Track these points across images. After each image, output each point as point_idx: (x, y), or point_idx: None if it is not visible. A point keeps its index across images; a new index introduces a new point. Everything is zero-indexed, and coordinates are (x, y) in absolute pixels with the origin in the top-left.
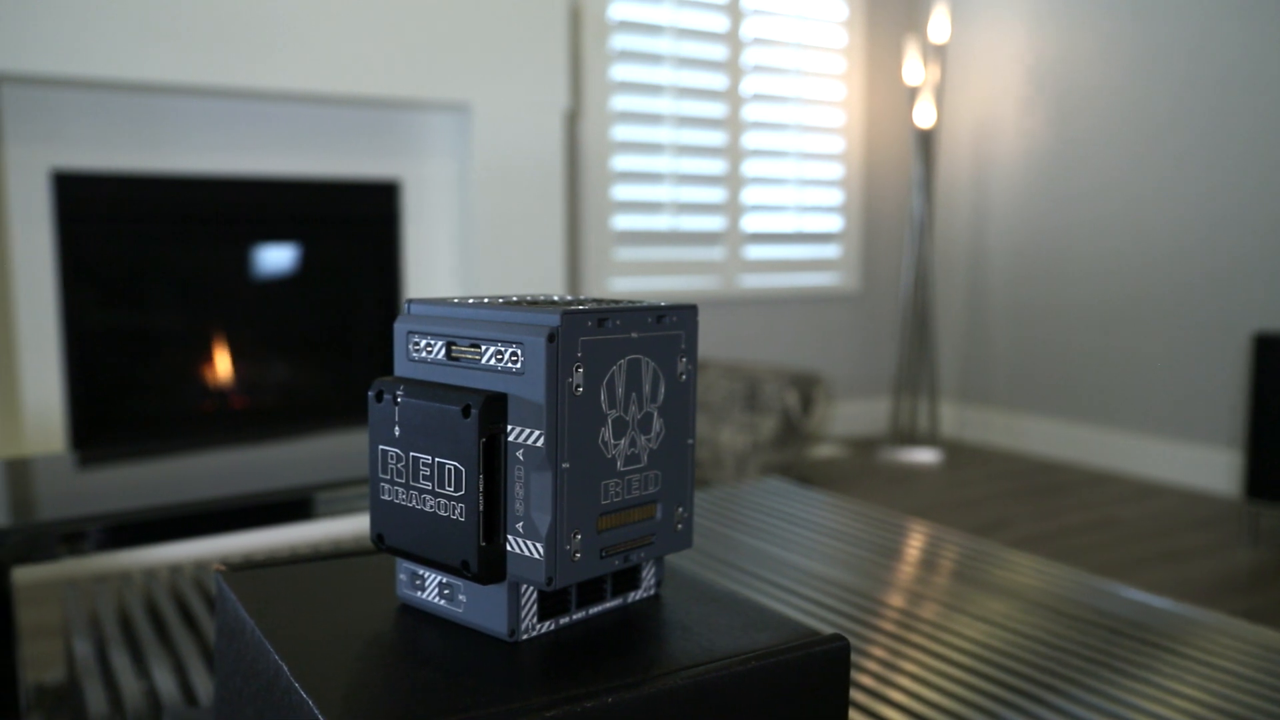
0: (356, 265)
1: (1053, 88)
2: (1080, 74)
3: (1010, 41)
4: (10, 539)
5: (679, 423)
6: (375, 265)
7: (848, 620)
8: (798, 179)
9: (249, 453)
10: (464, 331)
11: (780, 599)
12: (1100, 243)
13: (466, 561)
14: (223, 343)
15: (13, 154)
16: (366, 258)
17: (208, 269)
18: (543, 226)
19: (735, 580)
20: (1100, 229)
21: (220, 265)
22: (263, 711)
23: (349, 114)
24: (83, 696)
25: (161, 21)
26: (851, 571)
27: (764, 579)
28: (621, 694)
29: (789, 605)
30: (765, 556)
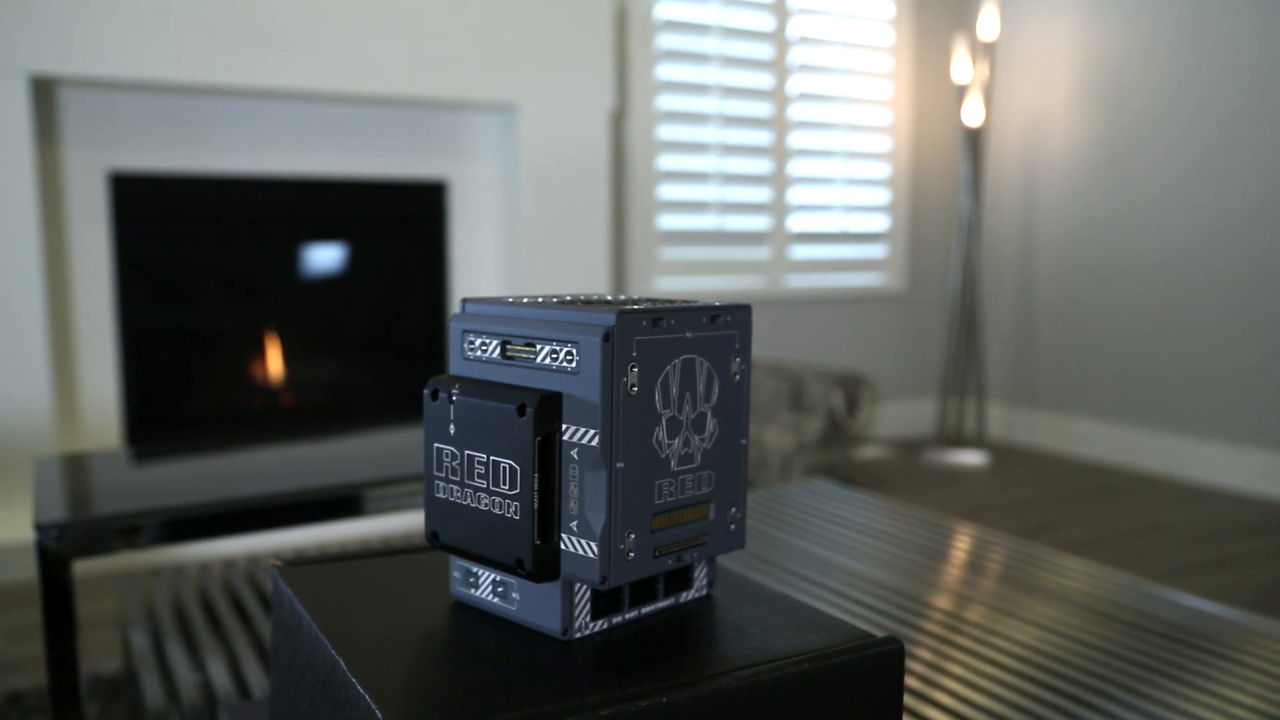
0: (403, 265)
1: (1104, 85)
2: (1133, 70)
3: (1061, 38)
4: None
5: (732, 423)
6: (422, 265)
7: (893, 622)
8: (844, 178)
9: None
10: (519, 331)
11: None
12: (1152, 243)
13: (521, 559)
14: (272, 341)
15: (72, 156)
16: (413, 258)
17: (258, 268)
18: (588, 226)
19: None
20: (1152, 228)
21: (270, 264)
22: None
23: (397, 115)
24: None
25: (214, 25)
26: (897, 573)
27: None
28: (676, 694)
29: (833, 606)
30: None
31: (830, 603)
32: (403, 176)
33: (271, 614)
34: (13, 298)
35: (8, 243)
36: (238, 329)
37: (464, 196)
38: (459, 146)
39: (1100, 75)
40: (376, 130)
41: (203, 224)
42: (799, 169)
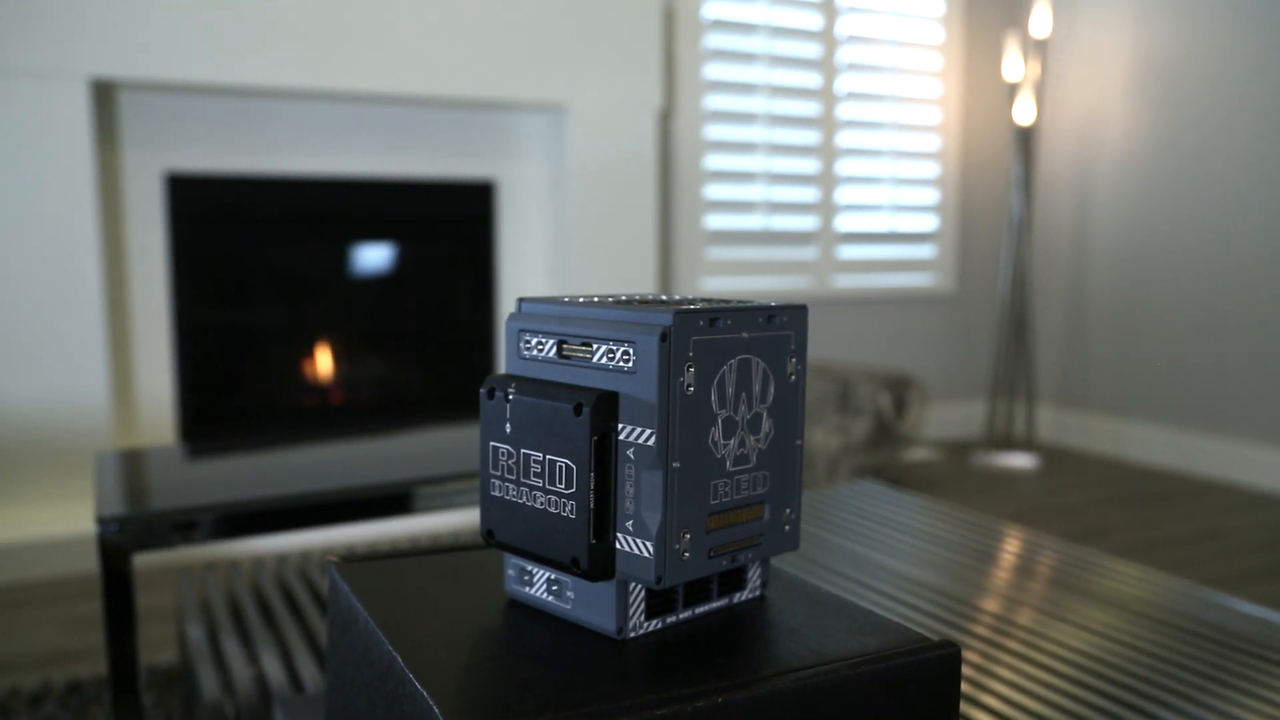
0: (452, 264)
1: (1159, 81)
2: (1189, 68)
3: (1115, 35)
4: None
5: (788, 423)
6: (470, 265)
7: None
8: (892, 178)
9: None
10: (576, 330)
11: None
12: (1208, 243)
13: (576, 558)
14: (323, 339)
15: (130, 158)
16: (462, 257)
17: (309, 267)
18: (635, 226)
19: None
20: (1208, 227)
21: (321, 264)
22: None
23: (447, 116)
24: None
25: (268, 28)
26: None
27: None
28: (731, 694)
29: (882, 608)
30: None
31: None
32: (452, 177)
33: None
34: (73, 297)
35: (69, 243)
36: (290, 327)
37: (512, 196)
38: (508, 147)
39: (1155, 72)
40: (426, 131)
41: (256, 224)
42: (847, 168)
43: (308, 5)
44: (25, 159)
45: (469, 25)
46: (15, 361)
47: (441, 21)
